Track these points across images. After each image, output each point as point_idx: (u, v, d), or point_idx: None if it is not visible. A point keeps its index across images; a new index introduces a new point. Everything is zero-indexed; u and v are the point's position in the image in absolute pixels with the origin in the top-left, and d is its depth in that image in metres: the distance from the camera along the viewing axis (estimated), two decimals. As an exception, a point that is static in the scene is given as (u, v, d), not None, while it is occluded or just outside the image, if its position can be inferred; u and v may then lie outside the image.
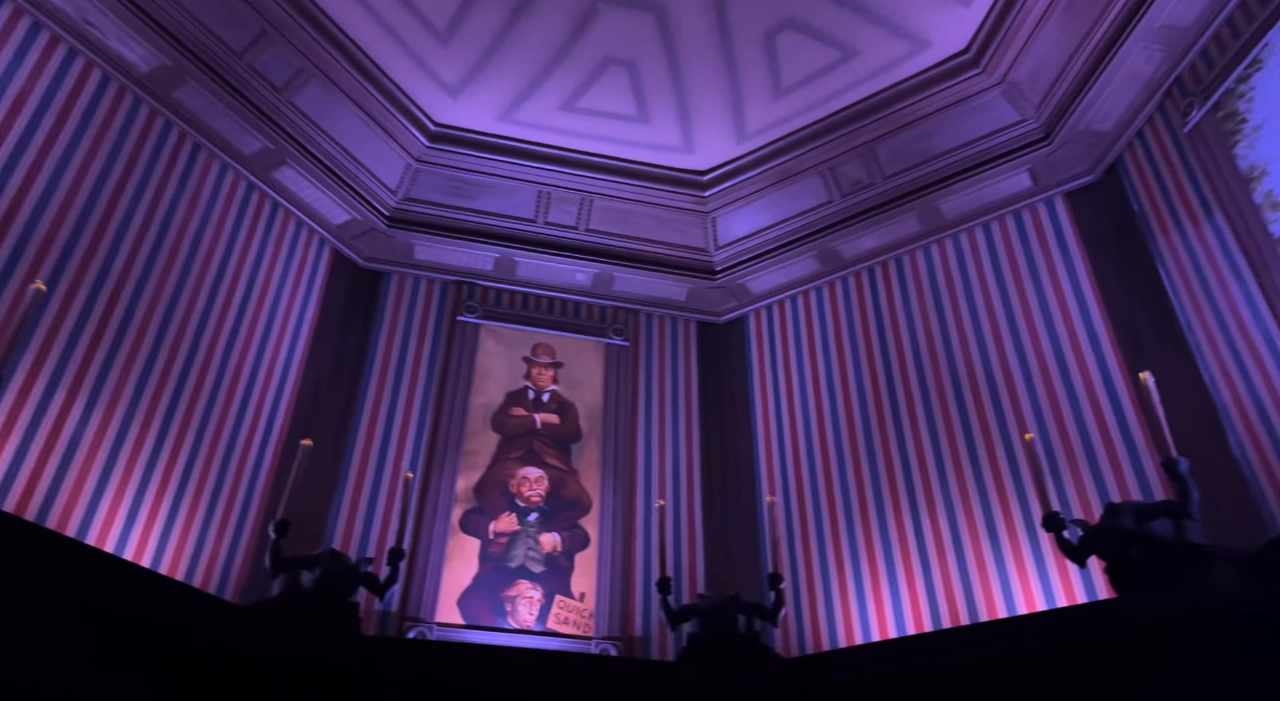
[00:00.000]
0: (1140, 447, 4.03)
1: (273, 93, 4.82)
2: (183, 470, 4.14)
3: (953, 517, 4.46)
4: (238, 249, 4.79)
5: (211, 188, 4.73)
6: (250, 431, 4.56)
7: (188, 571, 4.01)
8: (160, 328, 4.23)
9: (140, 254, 4.22)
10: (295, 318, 5.07)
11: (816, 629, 4.64)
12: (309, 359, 5.05)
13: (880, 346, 5.24)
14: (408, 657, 4.24)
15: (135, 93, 4.39)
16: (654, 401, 5.64)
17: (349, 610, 3.98)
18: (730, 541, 5.12)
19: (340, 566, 4.00)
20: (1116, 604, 3.36)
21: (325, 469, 4.75)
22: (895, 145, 5.27)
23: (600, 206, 5.80)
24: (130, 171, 4.28)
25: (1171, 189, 4.25)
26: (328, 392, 5.01)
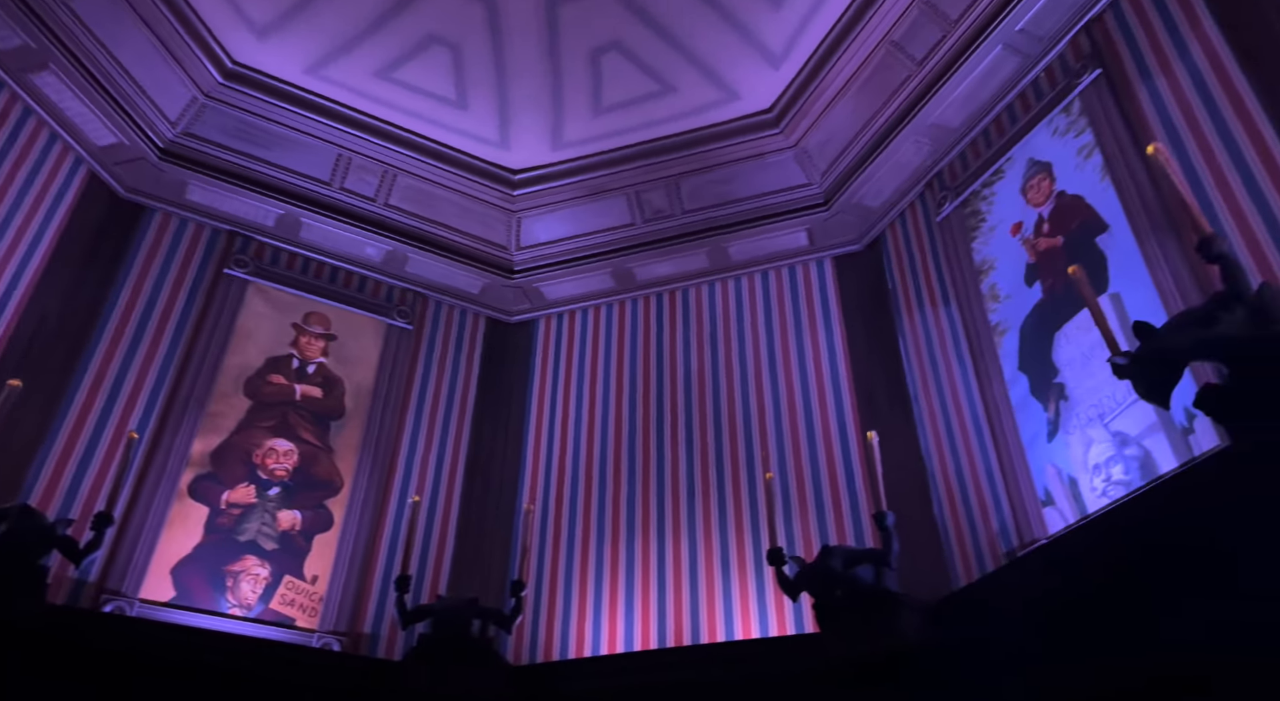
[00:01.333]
0: (860, 498, 4.44)
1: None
2: None
3: (693, 544, 4.69)
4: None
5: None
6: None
7: None
8: None
9: None
10: (29, 240, 4.46)
11: (550, 639, 4.71)
12: (37, 288, 4.45)
13: (656, 372, 5.44)
14: (100, 632, 3.84)
15: None
16: (429, 391, 5.53)
17: (35, 573, 3.55)
18: (481, 544, 5.08)
19: (32, 523, 3.56)
20: (819, 638, 3.66)
21: (35, 414, 4.19)
22: (697, 183, 5.55)
23: (404, 183, 5.64)
24: None
25: (920, 270, 4.78)
26: (54, 329, 4.44)
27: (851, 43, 4.72)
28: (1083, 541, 2.96)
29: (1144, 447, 3.20)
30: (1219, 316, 2.10)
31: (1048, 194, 4.01)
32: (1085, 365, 3.55)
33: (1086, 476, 3.41)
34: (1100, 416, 3.42)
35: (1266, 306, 2.06)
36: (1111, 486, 3.28)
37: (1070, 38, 4.09)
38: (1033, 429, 3.74)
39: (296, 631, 4.44)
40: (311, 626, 4.47)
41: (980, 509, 3.93)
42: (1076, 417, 3.53)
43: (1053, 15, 4.08)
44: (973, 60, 4.38)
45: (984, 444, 4.01)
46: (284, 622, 4.43)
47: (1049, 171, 4.04)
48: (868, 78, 4.80)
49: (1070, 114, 3.99)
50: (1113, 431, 3.34)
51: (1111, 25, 3.91)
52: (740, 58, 4.97)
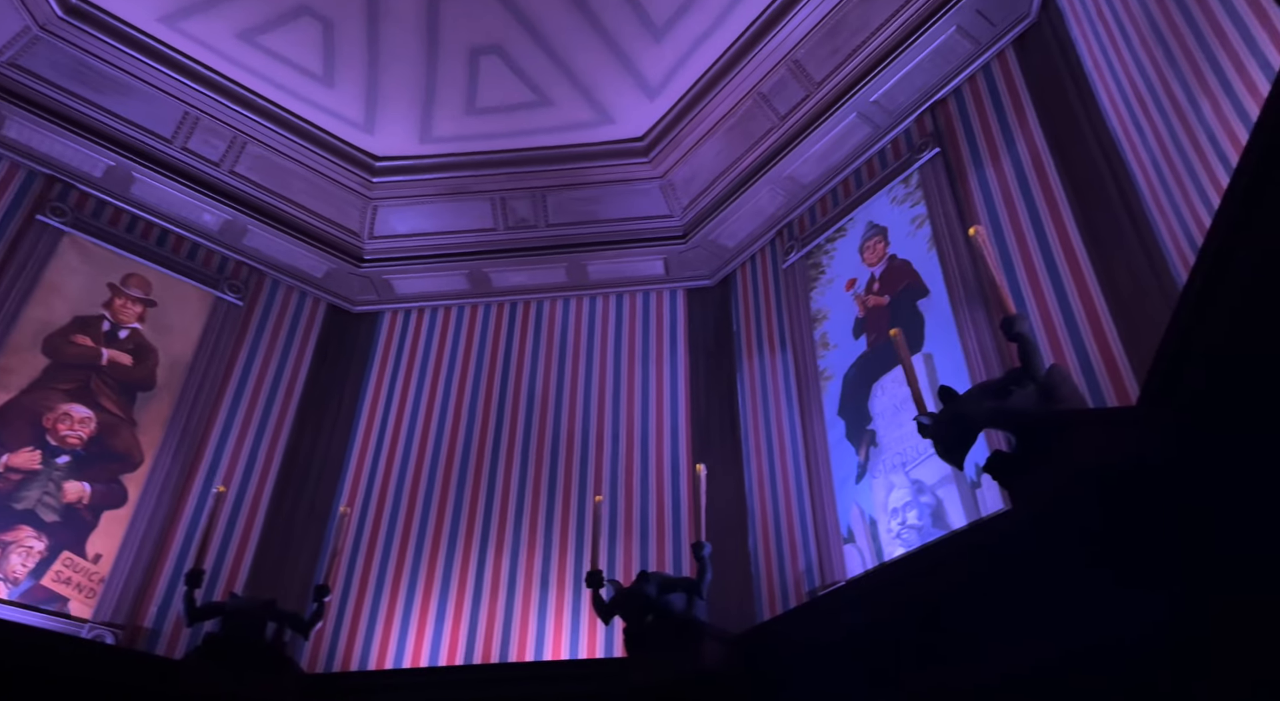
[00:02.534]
0: (683, 528, 4.48)
1: None
2: None
3: (515, 561, 4.57)
4: None
5: None
6: None
7: None
8: None
9: None
10: None
11: (351, 648, 4.45)
12: None
13: (501, 382, 5.30)
14: None
15: None
16: (253, 372, 5.15)
17: None
18: (289, 544, 4.73)
19: None
20: (627, 662, 3.64)
21: None
22: (563, 199, 5.51)
23: (254, 152, 5.28)
24: None
25: (763, 311, 4.94)
26: None
27: (724, 87, 4.84)
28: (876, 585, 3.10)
29: (937, 496, 3.42)
30: (1012, 390, 2.27)
31: (881, 256, 4.25)
32: (895, 416, 3.76)
33: (885, 518, 3.61)
34: (903, 464, 3.63)
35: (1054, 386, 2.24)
36: (905, 530, 3.48)
37: (916, 116, 4.38)
38: (845, 470, 3.92)
39: (67, 620, 3.99)
40: (88, 609, 4.05)
41: (790, 547, 4.06)
42: (882, 463, 3.73)
43: (904, 92, 4.35)
44: (830, 122, 4.59)
45: (800, 484, 4.15)
46: (56, 602, 3.98)
47: (885, 235, 4.28)
48: (735, 123, 4.94)
49: (909, 185, 4.25)
50: (912, 479, 3.55)
51: (953, 110, 4.21)
52: (619, 84, 4.98)
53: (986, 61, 4.13)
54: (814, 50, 4.56)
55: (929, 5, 4.14)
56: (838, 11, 4.41)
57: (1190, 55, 2.52)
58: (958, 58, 4.18)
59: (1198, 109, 2.53)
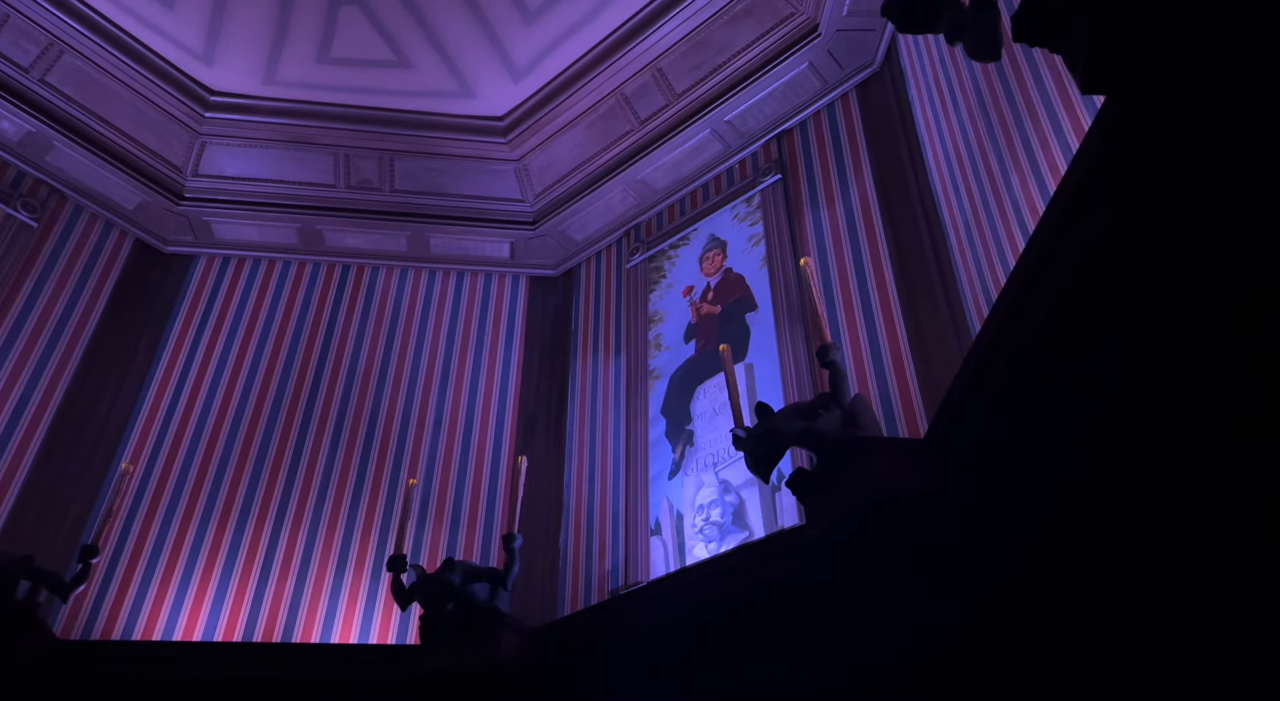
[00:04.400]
0: (496, 519, 4.40)
1: None
2: None
3: (312, 538, 4.31)
4: None
5: None
6: None
7: None
8: None
9: None
10: None
11: (115, 616, 4.02)
12: None
13: (322, 348, 4.97)
14: None
15: None
16: (40, 302, 4.54)
17: None
18: (56, 497, 4.20)
19: None
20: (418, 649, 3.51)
21: None
22: (412, 166, 5.26)
23: (71, 63, 4.67)
24: None
25: (602, 308, 4.94)
26: None
27: (589, 82, 4.79)
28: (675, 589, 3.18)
29: (740, 496, 3.57)
30: (820, 413, 2.38)
31: (719, 267, 4.37)
32: (713, 419, 3.89)
33: (691, 513, 3.73)
34: (714, 464, 3.76)
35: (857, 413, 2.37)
36: (708, 525, 3.62)
37: (764, 141, 4.54)
38: (660, 466, 4.01)
39: None
40: None
41: (600, 542, 4.09)
42: (696, 462, 3.86)
43: (756, 117, 4.50)
44: (686, 134, 4.67)
45: (618, 478, 4.18)
46: None
47: (724, 249, 4.40)
48: (596, 119, 4.91)
49: (750, 205, 4.40)
50: (720, 478, 3.70)
51: (797, 142, 4.41)
52: (484, 60, 4.81)
53: (831, 101, 4.34)
54: (678, 62, 4.61)
55: (787, 38, 4.29)
56: (704, 29, 4.48)
57: (1008, 131, 2.74)
58: (806, 92, 4.36)
59: (1008, 179, 2.76)
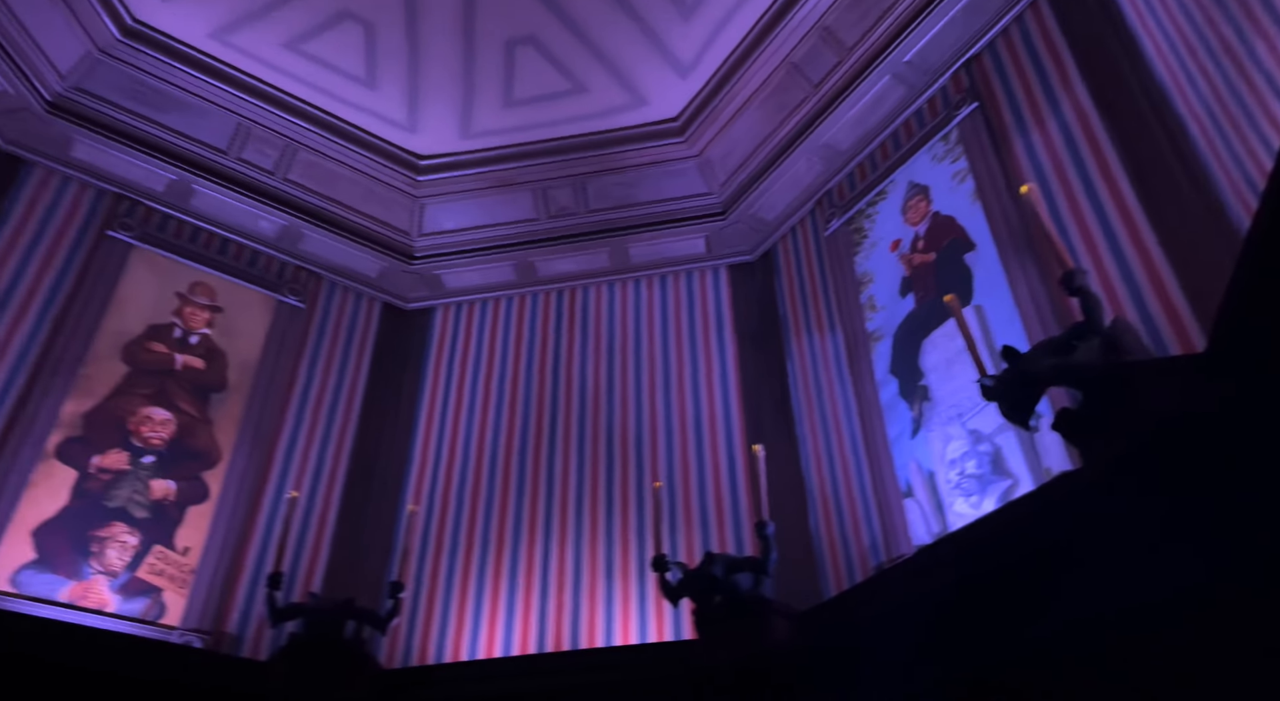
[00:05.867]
0: (742, 509, 4.41)
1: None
2: None
3: (579, 550, 4.54)
4: None
5: None
6: None
7: None
8: None
9: None
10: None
11: (426, 642, 4.47)
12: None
13: (553, 371, 5.25)
14: None
15: None
16: (318, 371, 5.20)
17: None
18: (361, 544, 4.75)
19: None
20: (697, 643, 3.62)
21: None
22: (602, 184, 5.46)
23: (305, 159, 5.32)
24: None
25: (806, 281, 4.84)
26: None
27: (755, 60, 4.74)
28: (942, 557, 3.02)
29: (995, 444, 3.35)
30: (1076, 346, 2.18)
31: (924, 214, 4.14)
32: (948, 370, 3.69)
33: (943, 469, 3.55)
34: (959, 415, 3.56)
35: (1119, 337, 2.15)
36: (964, 479, 3.43)
37: (951, 73, 4.23)
38: (899, 427, 3.86)
39: (156, 627, 4.07)
40: (180, 599, 4.15)
41: (852, 518, 3.99)
42: (937, 416, 3.67)
43: (937, 50, 4.21)
44: (864, 87, 4.47)
45: (858, 453, 4.06)
46: (151, 593, 4.10)
47: (926, 194, 4.17)
48: (769, 95, 4.84)
49: (948, 142, 4.13)
50: (969, 429, 3.49)
51: (989, 65, 4.06)
52: (650, 65, 4.91)
53: (1019, 12, 3.96)
54: (843, 15, 4.43)
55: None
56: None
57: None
58: (989, 11, 4.02)
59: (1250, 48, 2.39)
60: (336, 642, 3.91)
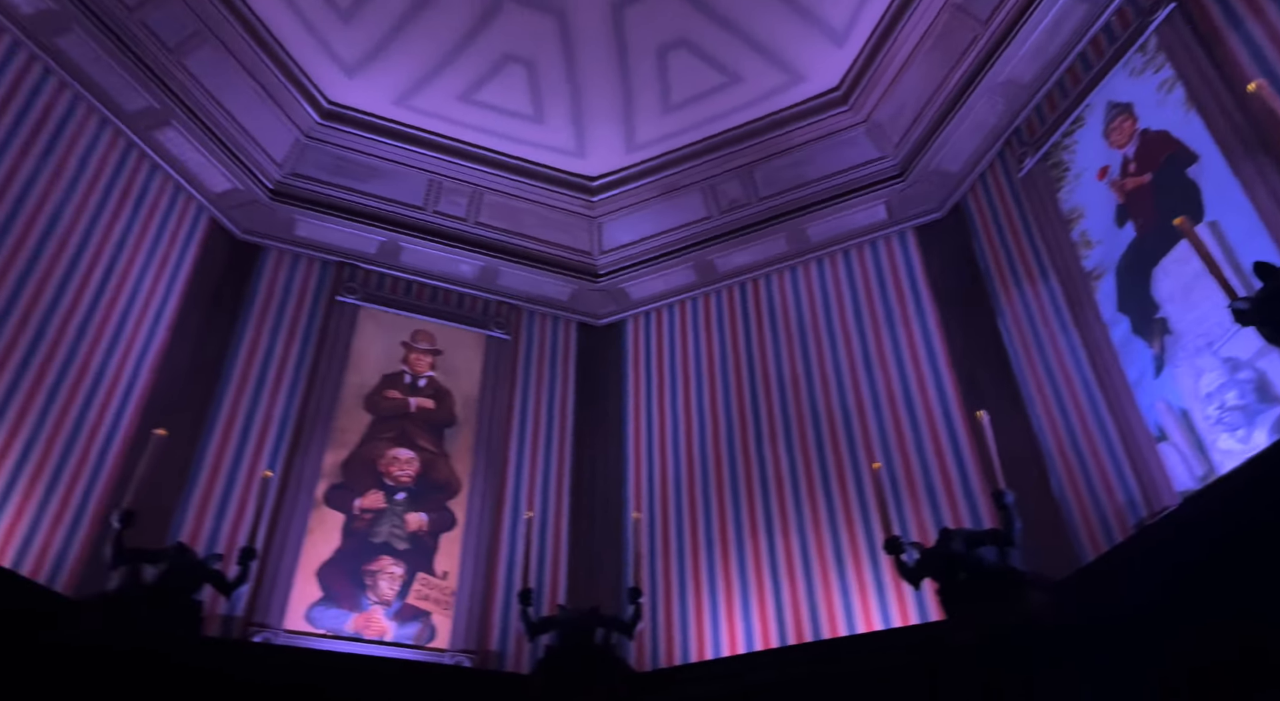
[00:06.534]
0: (973, 480, 4.20)
1: (163, 52, 4.51)
2: (20, 451, 3.72)
3: (804, 540, 4.51)
4: (108, 211, 4.41)
5: (87, 143, 4.35)
6: (100, 414, 4.13)
7: (16, 557, 3.59)
8: (13, 292, 3.82)
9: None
10: (163, 288, 4.69)
11: (670, 644, 4.58)
12: (172, 335, 4.67)
13: (747, 364, 5.27)
14: (252, 662, 3.92)
15: (14, 34, 4.02)
16: (530, 395, 5.54)
17: (191, 608, 3.64)
18: (594, 554, 4.98)
19: (186, 561, 3.65)
20: (945, 623, 3.49)
21: (179, 458, 4.33)
22: (770, 170, 5.43)
23: (491, 201, 5.70)
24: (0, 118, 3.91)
25: (1006, 229, 4.55)
26: (189, 374, 4.63)
27: (914, 11, 4.53)
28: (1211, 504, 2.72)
29: (1257, 369, 2.98)
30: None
31: (1130, 134, 3.77)
32: (1186, 297, 3.33)
33: (1198, 406, 3.20)
34: (1209, 345, 3.20)
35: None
36: (1226, 413, 3.07)
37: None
38: (1138, 368, 3.52)
39: (429, 651, 4.45)
40: (447, 620, 4.53)
41: (1101, 478, 3.68)
42: (1182, 349, 3.31)
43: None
44: (1039, 12, 4.14)
45: (1095, 403, 3.74)
46: (421, 617, 4.50)
47: (1130, 112, 3.79)
48: (933, 44, 4.60)
49: (1146, 52, 3.73)
50: (1223, 358, 3.12)
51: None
52: (803, 39, 4.83)
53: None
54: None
55: None
56: (1019, -106, 3.98)
57: None
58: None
59: None
60: (589, 650, 4.11)
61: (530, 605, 4.21)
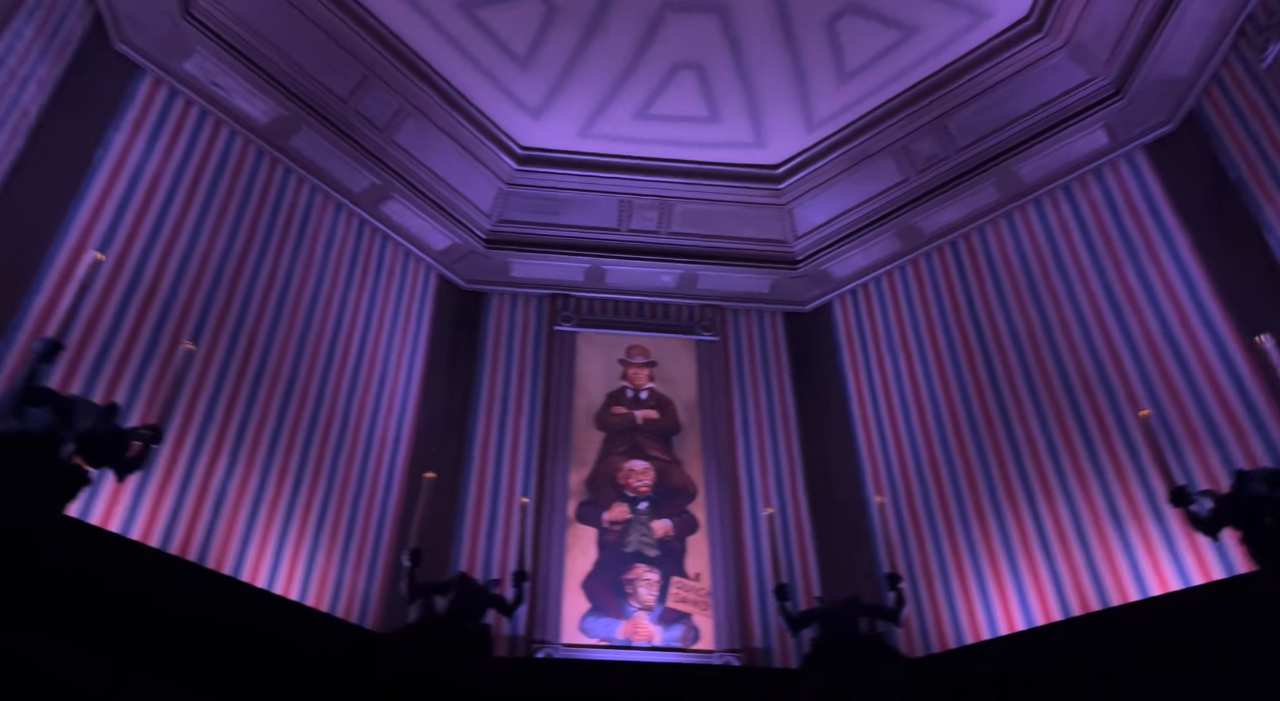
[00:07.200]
0: (1264, 414, 3.71)
1: (376, 132, 5.03)
2: (319, 509, 4.25)
3: (1071, 502, 4.17)
4: (354, 287, 4.95)
5: (328, 229, 4.93)
6: (376, 468, 4.64)
7: (330, 602, 4.11)
8: (290, 375, 4.37)
9: (268, 304, 4.40)
10: (409, 345, 5.19)
11: (940, 627, 4.41)
12: (424, 387, 5.15)
13: (974, 325, 4.98)
14: (537, 679, 4.18)
15: (258, 145, 4.64)
16: (748, 392, 5.54)
17: (482, 632, 3.94)
18: (841, 543, 4.88)
19: (470, 589, 3.97)
20: (1256, 575, 3.11)
21: (446, 496, 4.75)
22: (965, 117, 5.10)
23: (680, 209, 5.80)
24: (256, 223, 4.49)
25: (1258, 130, 3.98)
26: (443, 420, 5.10)
27: (1104, -88, 4.10)
28: None
29: None
30: None
31: None
32: None
33: None
34: None
35: None
36: None
37: None
38: None
39: (696, 652, 4.55)
40: (707, 621, 4.62)
41: None
42: None
43: None
44: (1264, -124, 3.60)
45: None
46: (682, 619, 4.62)
47: None
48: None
49: None
50: None
51: None
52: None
53: None
54: None
55: None
56: None
57: None
58: None
59: None
60: (856, 640, 4.01)
61: (788, 600, 4.18)
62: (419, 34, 4.86)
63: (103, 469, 2.88)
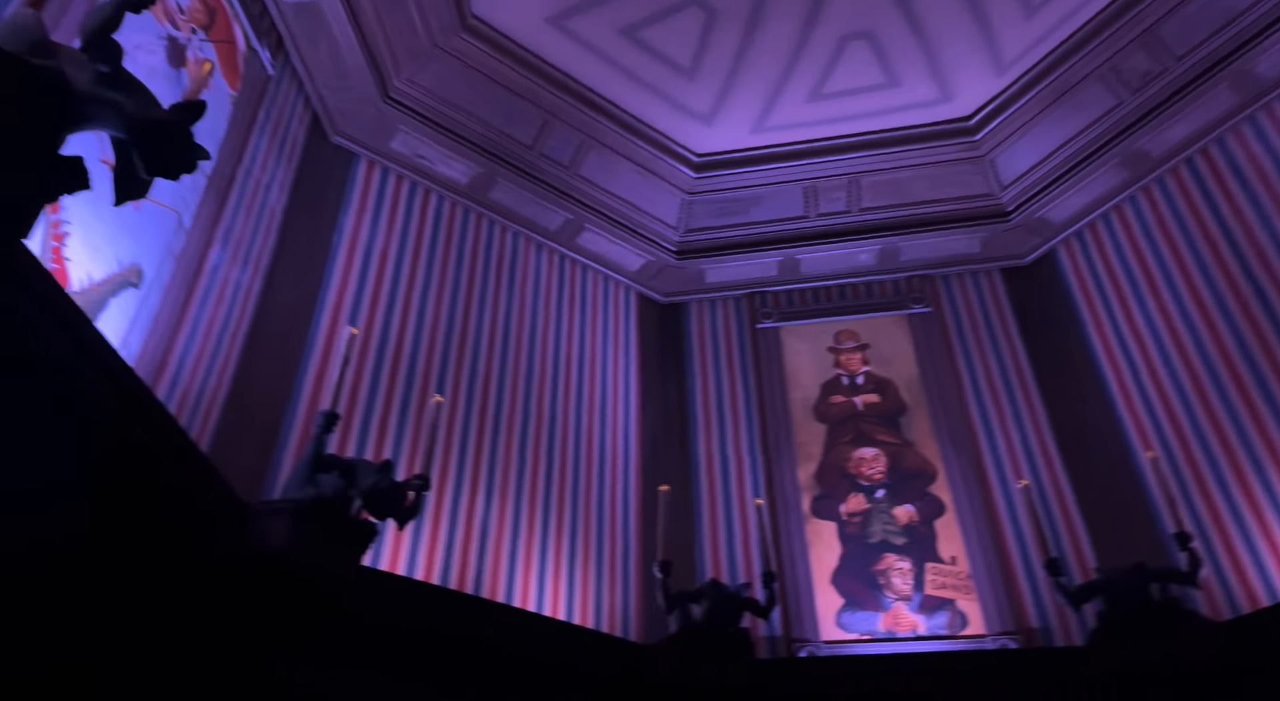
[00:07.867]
0: None
1: (562, 170, 5.28)
2: (569, 531, 4.48)
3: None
4: (564, 319, 5.20)
5: (534, 269, 5.22)
6: (612, 486, 4.83)
7: (595, 620, 4.32)
8: (524, 410, 4.65)
9: (494, 348, 4.71)
10: (623, 366, 5.38)
11: (1247, 585, 3.90)
12: (642, 403, 5.32)
13: (1229, 245, 4.37)
14: (807, 677, 4.17)
15: (463, 204, 5.02)
16: (975, 360, 5.20)
17: (742, 636, 4.00)
18: (1111, 507, 4.46)
19: (723, 595, 4.04)
20: None
21: (680, 505, 4.83)
22: (1180, 22, 4.51)
23: (869, 183, 5.57)
24: (472, 275, 4.84)
25: None
26: (663, 431, 5.24)
27: None
28: None
29: None
30: None
31: None
32: None
33: None
34: None
35: None
36: None
37: None
38: None
39: (966, 639, 4.34)
40: (971, 605, 4.39)
41: None
42: None
43: None
44: None
45: None
46: (945, 605, 4.42)
47: None
48: None
49: None
50: None
51: None
52: None
53: None
54: None
55: None
56: None
57: None
58: None
59: None
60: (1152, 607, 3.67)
61: (1061, 575, 3.88)
62: (587, 67, 5.03)
63: (385, 520, 3.20)
